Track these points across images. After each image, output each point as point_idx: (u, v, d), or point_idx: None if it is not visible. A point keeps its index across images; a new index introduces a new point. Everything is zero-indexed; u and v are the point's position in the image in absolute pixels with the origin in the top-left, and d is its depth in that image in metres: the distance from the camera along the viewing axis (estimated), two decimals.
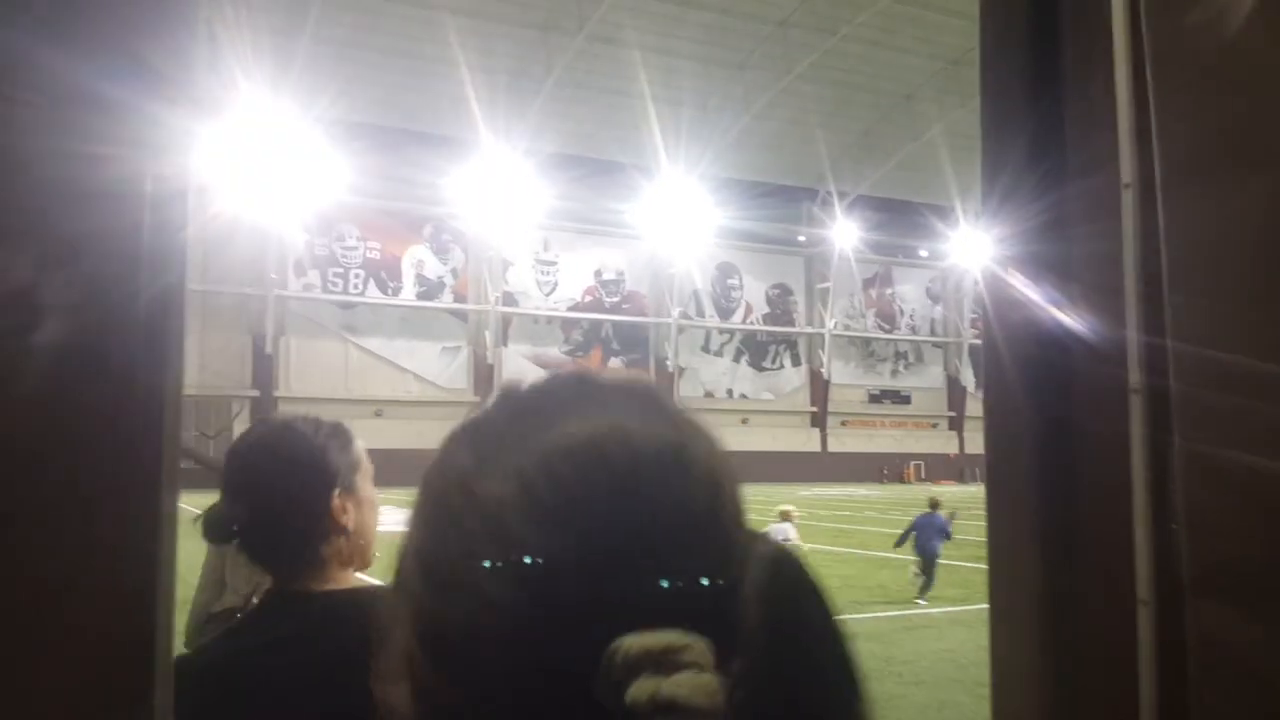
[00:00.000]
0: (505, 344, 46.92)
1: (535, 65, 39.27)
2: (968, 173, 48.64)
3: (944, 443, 55.72)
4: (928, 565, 10.56)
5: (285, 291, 42.42)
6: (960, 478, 53.53)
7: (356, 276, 44.27)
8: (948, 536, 10.91)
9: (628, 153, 44.33)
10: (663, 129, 41.66)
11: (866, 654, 3.15)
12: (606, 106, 42.10)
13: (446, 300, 46.06)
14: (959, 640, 7.58)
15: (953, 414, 56.55)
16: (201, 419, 41.24)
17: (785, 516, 10.67)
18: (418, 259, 45.64)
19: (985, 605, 5.63)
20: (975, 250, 53.10)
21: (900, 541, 11.09)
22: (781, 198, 49.53)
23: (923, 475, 52.50)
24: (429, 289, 45.83)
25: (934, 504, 11.43)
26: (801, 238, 52.25)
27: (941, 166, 47.22)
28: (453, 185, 43.57)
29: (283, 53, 35.20)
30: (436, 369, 45.47)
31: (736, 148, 45.03)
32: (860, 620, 8.63)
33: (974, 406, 57.01)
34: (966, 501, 31.84)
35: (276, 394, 42.00)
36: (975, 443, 55.92)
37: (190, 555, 1.47)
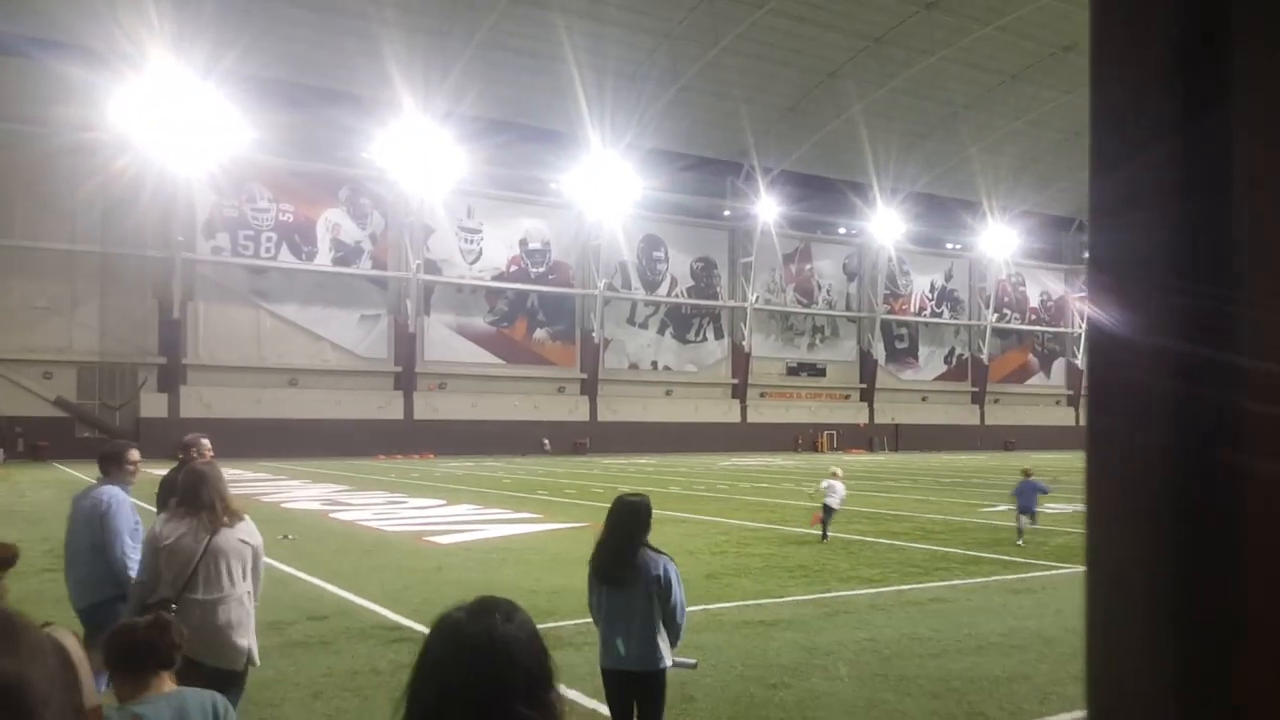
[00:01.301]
0: (428, 313, 46.20)
1: (457, 25, 38.25)
2: (885, 151, 49.73)
3: (855, 413, 57.43)
4: (1028, 517, 13.37)
5: (193, 255, 40.71)
6: (869, 446, 55.33)
7: (269, 240, 42.75)
8: (1045, 492, 13.66)
9: (554, 119, 43.80)
10: (589, 96, 41.26)
11: (790, 644, 5.24)
12: (532, 71, 41.41)
13: (365, 266, 44.93)
14: (879, 627, 7.93)
15: (864, 386, 58.25)
16: (105, 388, 39.52)
17: (834, 475, 13.68)
18: (333, 223, 44.33)
19: (901, 587, 6.00)
20: (888, 228, 54.51)
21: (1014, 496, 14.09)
22: (707, 171, 49.82)
23: (835, 444, 54.10)
24: (346, 254, 44.60)
25: (1027, 473, 14.01)
26: (726, 212, 52.78)
27: (861, 145, 48.15)
28: (371, 147, 42.37)
29: (190, 3, 33.50)
30: (355, 337, 44.44)
31: (663, 119, 44.97)
32: (781, 605, 8.93)
33: (884, 378, 58.75)
34: (873, 468, 32.92)
35: (185, 361, 40.59)
36: (883, 413, 57.77)
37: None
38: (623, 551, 4.12)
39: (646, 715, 4.11)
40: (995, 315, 62.56)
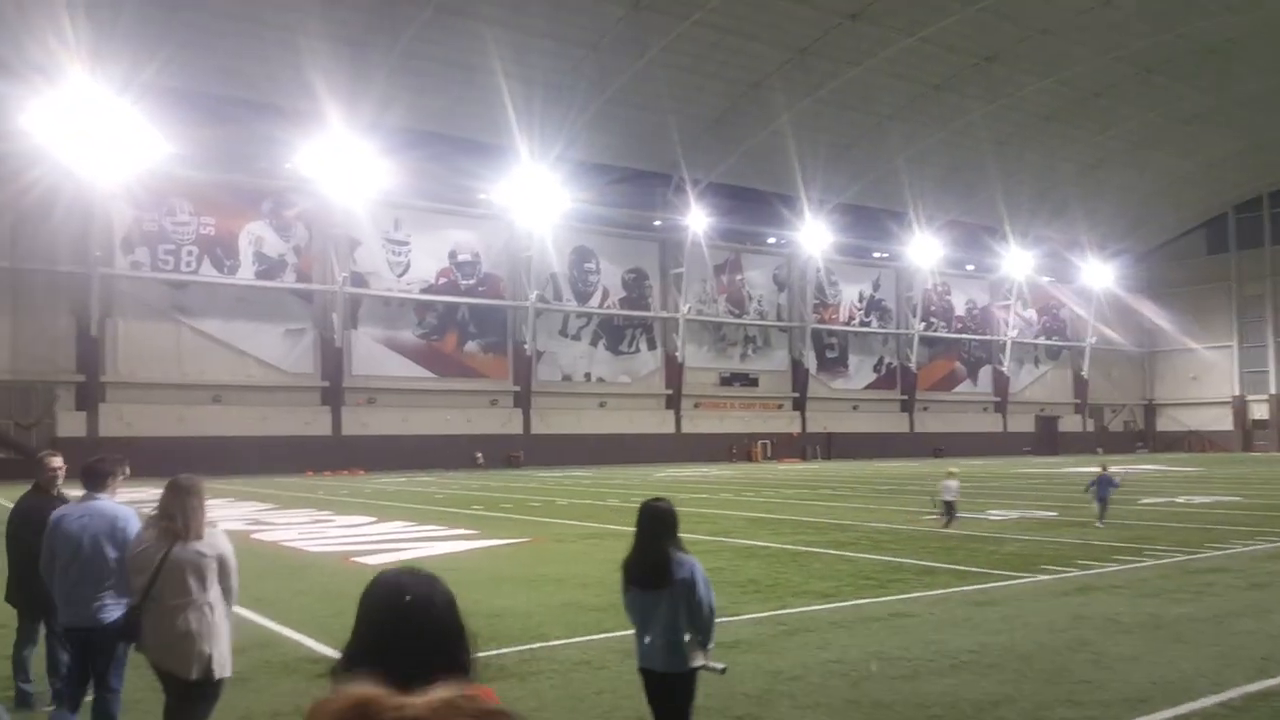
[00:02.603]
0: (355, 326, 44.87)
1: (380, 35, 37.56)
2: (812, 162, 49.94)
3: (788, 422, 57.54)
4: (1102, 505, 16.23)
5: (111, 270, 39.20)
6: (803, 455, 55.43)
7: (189, 254, 41.27)
8: (1116, 486, 16.86)
9: (482, 131, 43.11)
10: (516, 107, 40.74)
11: (751, 666, 5.23)
12: (458, 82, 40.79)
13: (289, 280, 43.67)
14: (843, 646, 7.37)
15: (796, 395, 58.40)
16: (19, 406, 37.90)
17: (950, 476, 16.35)
18: (256, 236, 42.96)
19: (858, 601, 5.29)
20: (816, 238, 54.82)
21: (1089, 488, 16.99)
22: (636, 182, 49.46)
23: (769, 454, 54.03)
24: (269, 268, 43.19)
25: (1104, 467, 17.27)
26: (657, 223, 52.48)
27: (788, 156, 48.26)
28: (295, 158, 41.43)
29: (107, 13, 32.26)
30: (279, 352, 43.07)
31: (591, 130, 44.49)
32: (738, 624, 8.29)
33: (815, 388, 59.04)
34: (809, 477, 32.70)
35: (104, 379, 39.13)
36: (815, 422, 57.98)
37: None
38: (649, 553, 4.29)
39: (671, 716, 4.28)
40: (923, 324, 63.39)
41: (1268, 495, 22.86)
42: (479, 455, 45.33)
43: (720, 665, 4.50)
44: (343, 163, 40.97)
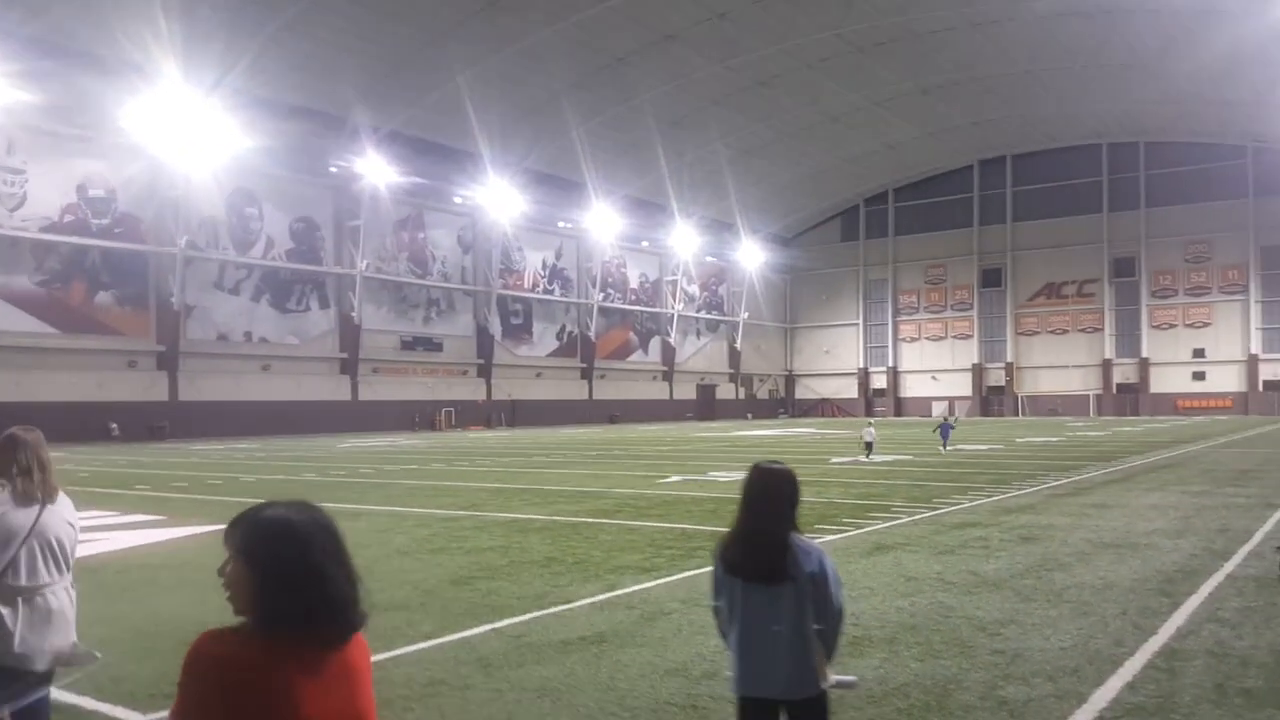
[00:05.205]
0: None
1: None
2: (497, 123, 48.43)
3: (473, 389, 56.02)
4: (944, 440, 26.13)
5: None
6: (488, 423, 54.32)
7: None
8: (953, 428, 27.17)
9: (116, 47, 35.97)
10: (157, 22, 34.39)
11: (642, 665, 5.72)
12: None
13: None
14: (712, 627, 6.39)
15: (481, 361, 57.02)
16: None
17: (869, 425, 24.65)
18: None
19: (685, 574, 4.15)
20: (501, 201, 53.59)
21: (937, 430, 27.10)
22: (308, 122, 44.52)
23: (454, 422, 52.22)
24: None
25: (945, 418, 29.63)
26: (332, 168, 47.59)
27: (472, 113, 46.26)
28: None
29: None
30: None
31: (260, 59, 39.22)
32: (579, 610, 7.01)
33: (500, 354, 58.05)
34: (510, 444, 31.67)
35: None
36: (500, 389, 57.11)
37: None
38: (769, 536, 3.16)
39: None
40: (601, 295, 64.99)
41: (927, 454, 25.58)
42: (114, 426, 38.33)
43: (852, 678, 3.62)
44: None
